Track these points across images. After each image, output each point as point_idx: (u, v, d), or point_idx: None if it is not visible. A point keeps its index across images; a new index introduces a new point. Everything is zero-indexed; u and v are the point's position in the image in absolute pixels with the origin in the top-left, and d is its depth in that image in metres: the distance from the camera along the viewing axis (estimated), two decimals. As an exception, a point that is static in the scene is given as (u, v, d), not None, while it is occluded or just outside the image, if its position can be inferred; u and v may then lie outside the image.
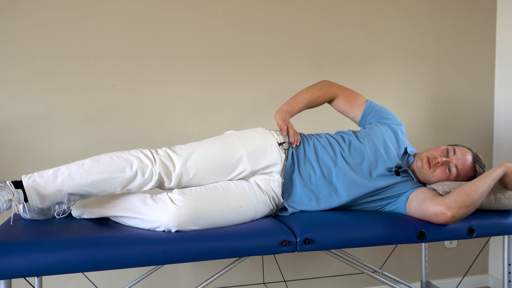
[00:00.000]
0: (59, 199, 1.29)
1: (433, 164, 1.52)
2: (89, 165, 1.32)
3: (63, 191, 1.28)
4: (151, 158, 1.38)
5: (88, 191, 1.31)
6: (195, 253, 1.24)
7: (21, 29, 1.87)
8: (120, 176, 1.33)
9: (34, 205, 1.27)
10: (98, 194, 1.34)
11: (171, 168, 1.39)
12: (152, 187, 1.39)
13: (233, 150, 1.46)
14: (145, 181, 1.37)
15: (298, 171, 1.50)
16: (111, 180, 1.33)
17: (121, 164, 1.34)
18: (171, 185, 1.41)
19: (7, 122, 1.87)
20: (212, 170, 1.43)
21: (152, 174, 1.36)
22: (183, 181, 1.41)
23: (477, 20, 2.42)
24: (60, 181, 1.28)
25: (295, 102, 1.67)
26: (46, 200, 1.28)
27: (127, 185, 1.36)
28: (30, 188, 1.26)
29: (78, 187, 1.29)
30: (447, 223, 1.37)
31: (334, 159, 1.52)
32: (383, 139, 1.60)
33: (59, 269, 1.15)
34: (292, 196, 1.50)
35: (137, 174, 1.35)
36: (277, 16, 2.14)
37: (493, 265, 2.52)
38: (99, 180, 1.31)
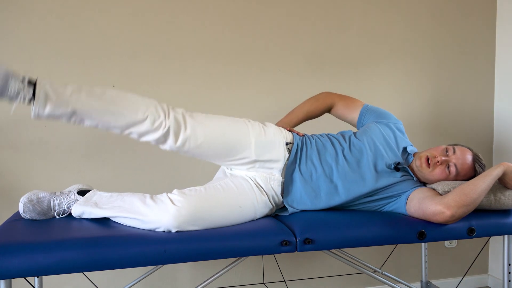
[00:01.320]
0: (62, 112, 1.28)
1: (432, 164, 1.52)
2: (108, 94, 1.33)
3: (71, 106, 1.28)
4: (165, 111, 1.38)
5: (93, 116, 1.30)
6: (195, 253, 1.24)
7: (21, 29, 1.87)
8: (130, 115, 1.33)
9: (37, 108, 1.25)
10: (100, 124, 1.33)
11: (182, 127, 1.39)
12: (155, 138, 1.37)
13: (244, 135, 1.47)
14: (151, 130, 1.36)
15: (299, 170, 1.50)
16: (120, 116, 1.33)
17: (136, 106, 1.35)
18: (176, 145, 1.39)
19: (7, 122, 1.88)
20: (219, 147, 1.44)
21: (161, 126, 1.36)
22: (187, 145, 1.40)
23: (477, 21, 2.42)
24: (74, 96, 1.28)
25: (294, 114, 1.75)
26: (50, 107, 1.26)
27: (131, 127, 1.35)
28: (42, 89, 1.25)
29: (87, 108, 1.29)
30: (446, 222, 1.37)
31: (336, 158, 1.53)
32: (381, 136, 1.60)
33: (59, 269, 1.15)
34: (292, 194, 1.51)
35: (146, 120, 1.34)
36: (278, 17, 2.14)
37: (493, 265, 2.52)
38: (108, 109, 1.31)
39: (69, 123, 1.35)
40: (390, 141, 1.61)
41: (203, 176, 1.98)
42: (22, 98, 1.24)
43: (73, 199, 1.45)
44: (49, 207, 1.42)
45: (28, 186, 1.90)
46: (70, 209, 1.44)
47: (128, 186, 1.99)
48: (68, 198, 1.44)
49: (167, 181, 2.05)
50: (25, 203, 1.39)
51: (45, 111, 1.26)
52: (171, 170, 2.06)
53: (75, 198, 1.45)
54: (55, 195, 1.44)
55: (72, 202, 1.44)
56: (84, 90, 1.31)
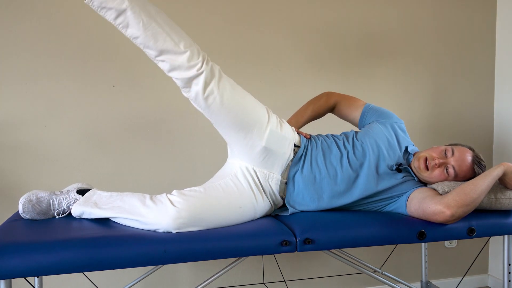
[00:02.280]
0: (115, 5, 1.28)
1: (431, 166, 1.51)
2: (161, 15, 1.35)
3: (126, 2, 1.28)
4: (205, 58, 1.37)
5: (138, 25, 1.30)
6: (195, 253, 1.24)
7: (21, 29, 1.87)
8: (172, 43, 1.33)
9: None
10: (141, 37, 1.32)
11: (215, 78, 1.38)
12: (185, 78, 1.35)
13: (264, 118, 1.47)
14: (184, 66, 1.34)
15: (301, 171, 1.50)
16: (163, 36, 1.32)
17: (180, 38, 1.35)
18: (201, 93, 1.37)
19: (7, 122, 1.88)
20: (239, 113, 1.42)
21: (196, 67, 1.34)
22: (210, 99, 1.38)
23: (477, 21, 2.42)
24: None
25: (300, 115, 1.75)
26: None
27: (168, 54, 1.33)
28: None
29: (138, 12, 1.30)
30: (446, 222, 1.37)
31: (340, 160, 1.52)
32: (384, 137, 1.60)
33: (59, 269, 1.15)
34: (294, 195, 1.50)
35: (184, 54, 1.33)
36: (277, 16, 2.14)
37: (493, 265, 2.52)
38: (156, 26, 1.32)
39: (114, 24, 1.33)
40: (392, 141, 1.60)
41: (203, 176, 1.98)
42: None
43: (72, 198, 1.44)
44: (49, 207, 1.42)
45: (27, 186, 1.90)
46: (69, 209, 1.44)
47: (128, 186, 1.99)
48: (68, 198, 1.44)
49: (167, 181, 2.05)
50: (24, 203, 1.38)
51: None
52: (171, 170, 2.06)
53: (74, 197, 1.44)
54: (54, 194, 1.44)
55: (72, 201, 1.44)
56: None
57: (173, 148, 2.06)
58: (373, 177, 1.51)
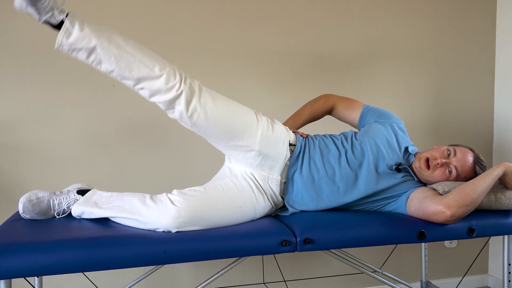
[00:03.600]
0: (84, 46, 1.29)
1: (433, 166, 1.51)
2: (131, 43, 1.34)
3: (93, 40, 1.29)
4: (182, 76, 1.37)
5: (110, 59, 1.31)
6: (195, 253, 1.24)
7: (21, 28, 1.87)
8: (146, 69, 1.33)
9: (62, 36, 1.27)
10: (116, 70, 1.33)
11: (195, 95, 1.38)
12: (166, 101, 1.35)
13: (253, 122, 1.46)
14: (163, 90, 1.34)
15: (300, 171, 1.50)
16: (136, 66, 1.33)
17: (154, 62, 1.34)
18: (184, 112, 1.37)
19: (7, 122, 1.88)
20: (227, 124, 1.42)
21: (174, 88, 1.34)
22: (195, 116, 1.38)
23: (477, 20, 2.42)
24: (100, 34, 1.30)
25: (297, 117, 1.75)
26: (75, 36, 1.27)
27: (145, 81, 1.34)
28: (73, 16, 1.28)
29: (107, 47, 1.30)
30: (446, 222, 1.37)
31: (339, 159, 1.52)
32: (383, 137, 1.60)
33: (59, 269, 1.15)
34: (294, 195, 1.50)
35: (161, 78, 1.33)
36: (277, 16, 2.14)
37: (493, 265, 2.52)
38: (128, 56, 1.32)
39: (87, 62, 1.34)
40: (391, 141, 1.60)
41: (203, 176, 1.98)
42: (52, 17, 1.25)
43: (72, 198, 1.44)
44: (49, 207, 1.42)
45: (27, 186, 1.90)
46: (69, 209, 1.44)
47: (128, 186, 1.99)
48: (68, 198, 1.44)
49: (167, 181, 2.05)
50: (24, 203, 1.38)
51: (69, 39, 1.27)
52: (171, 170, 2.06)
53: (74, 197, 1.44)
54: (54, 194, 1.44)
55: (72, 201, 1.44)
56: (110, 30, 1.33)
57: (173, 148, 2.06)
58: (372, 176, 1.51)
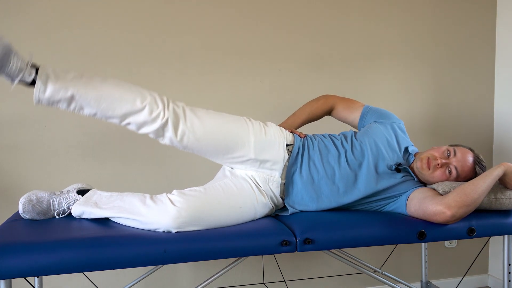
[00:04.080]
0: (62, 96, 1.28)
1: (433, 166, 1.51)
2: (106, 83, 1.33)
3: (71, 91, 1.28)
4: (165, 103, 1.38)
5: (91, 103, 1.31)
6: (195, 253, 1.24)
7: (21, 29, 1.86)
8: (128, 104, 1.33)
9: (38, 91, 1.26)
10: (99, 112, 1.33)
11: (181, 120, 1.39)
12: (154, 131, 1.37)
13: (244, 132, 1.46)
14: (149, 121, 1.35)
15: (300, 172, 1.50)
16: (117, 104, 1.32)
17: (134, 95, 1.34)
18: (174, 138, 1.38)
19: (7, 122, 1.87)
20: (217, 142, 1.43)
21: (159, 117, 1.35)
22: (186, 139, 1.40)
23: (477, 20, 2.42)
24: (74, 81, 1.29)
25: (296, 116, 1.75)
26: (51, 91, 1.27)
27: (130, 117, 1.35)
28: (44, 73, 1.27)
29: (85, 94, 1.29)
30: (446, 222, 1.37)
31: (338, 159, 1.52)
32: (383, 137, 1.60)
33: (59, 269, 1.15)
34: (293, 196, 1.50)
35: (144, 109, 1.34)
36: (277, 16, 2.14)
37: (493, 265, 2.52)
38: (108, 98, 1.31)
39: (69, 110, 1.33)
40: (391, 141, 1.60)
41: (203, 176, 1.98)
42: (23, 78, 1.25)
43: (72, 198, 1.44)
44: (49, 207, 1.42)
45: (27, 186, 1.90)
46: (69, 209, 1.44)
47: (128, 186, 1.99)
48: (68, 198, 1.44)
49: (167, 181, 2.05)
50: (24, 203, 1.38)
51: (45, 94, 1.27)
52: (172, 170, 2.06)
53: (74, 197, 1.44)
54: (54, 195, 1.44)
55: (72, 201, 1.44)
56: (85, 76, 1.32)
57: (173, 148, 2.06)
58: (372, 176, 1.51)
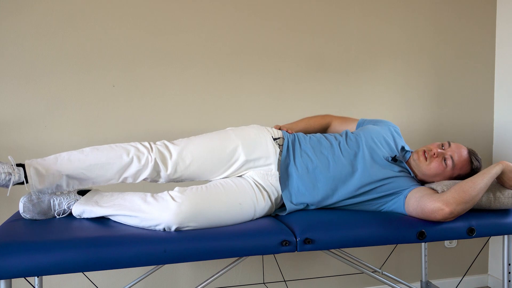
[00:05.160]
0: (58, 181, 1.36)
1: (429, 156, 1.55)
2: (88, 151, 1.41)
3: (62, 172, 1.36)
4: (148, 147, 1.46)
5: (85, 175, 1.39)
6: (195, 253, 1.24)
7: (22, 28, 1.87)
8: (117, 162, 1.41)
9: (34, 185, 1.33)
10: (96, 179, 1.41)
11: (167, 155, 1.46)
12: (149, 175, 1.44)
13: (228, 141, 1.52)
14: (141, 168, 1.43)
15: (294, 163, 1.53)
16: (108, 166, 1.40)
17: (119, 152, 1.42)
18: (168, 173, 1.46)
19: (7, 121, 1.88)
20: (209, 159, 1.49)
21: (148, 161, 1.43)
22: (179, 169, 1.46)
23: (477, 20, 2.42)
24: (60, 163, 1.36)
25: (294, 123, 1.83)
26: (45, 180, 1.34)
27: (124, 172, 1.43)
28: (31, 167, 1.33)
29: (76, 170, 1.37)
30: (445, 219, 1.37)
31: (331, 150, 1.56)
32: (379, 134, 1.65)
33: (59, 269, 1.15)
34: (290, 187, 1.52)
35: (133, 161, 1.42)
36: (277, 19, 2.14)
37: (493, 265, 2.52)
38: (96, 164, 1.39)
39: (71, 190, 1.43)
40: (388, 139, 1.65)
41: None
42: (14, 181, 1.32)
43: (73, 199, 1.45)
44: (49, 207, 1.42)
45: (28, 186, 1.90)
46: (70, 209, 1.44)
47: (129, 186, 1.99)
48: (68, 198, 1.44)
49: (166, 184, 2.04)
50: (25, 202, 1.39)
51: (41, 186, 1.35)
52: (171, 170, 2.06)
53: (75, 197, 1.45)
54: (55, 195, 1.44)
55: (72, 202, 1.44)
56: (65, 155, 1.40)
57: (173, 148, 2.06)
58: (369, 164, 1.54)
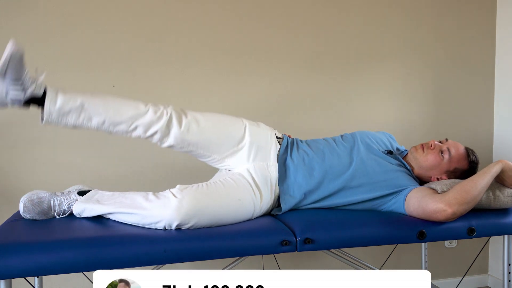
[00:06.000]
0: (71, 106, 1.35)
1: (426, 147, 1.60)
2: (107, 94, 1.44)
3: (78, 98, 1.36)
4: (163, 105, 1.48)
5: (99, 110, 1.39)
6: (195, 252, 1.24)
7: (22, 28, 1.87)
8: (133, 108, 1.42)
9: (49, 103, 1.33)
10: (106, 120, 1.40)
11: (182, 115, 1.49)
12: (160, 128, 1.44)
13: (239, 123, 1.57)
14: (155, 120, 1.43)
15: (290, 158, 1.56)
16: (124, 108, 1.41)
17: (136, 102, 1.44)
18: (181, 130, 1.46)
19: (7, 122, 1.88)
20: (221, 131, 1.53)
21: (163, 114, 1.44)
22: (191, 130, 1.47)
23: (477, 20, 2.42)
24: (82, 92, 1.38)
25: None
26: (61, 100, 1.34)
27: (137, 119, 1.42)
28: (53, 87, 1.35)
29: (92, 101, 1.38)
30: (446, 220, 1.37)
31: (328, 146, 1.61)
32: (374, 135, 1.70)
33: (59, 269, 1.15)
34: (287, 180, 1.54)
35: (148, 110, 1.43)
36: (277, 17, 2.14)
37: (493, 265, 2.52)
38: (114, 102, 1.41)
39: (78, 124, 1.39)
40: (384, 140, 1.70)
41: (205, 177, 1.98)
42: (35, 91, 1.31)
43: (73, 199, 1.45)
44: (49, 207, 1.42)
45: (28, 186, 1.89)
46: (70, 209, 1.44)
47: (129, 187, 1.98)
48: (69, 199, 1.44)
49: (168, 182, 2.05)
50: (25, 202, 1.39)
51: (56, 105, 1.34)
52: (172, 170, 2.06)
53: (75, 198, 1.45)
54: (55, 195, 1.45)
55: (73, 202, 1.44)
56: (88, 91, 1.41)
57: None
58: (366, 155, 1.57)
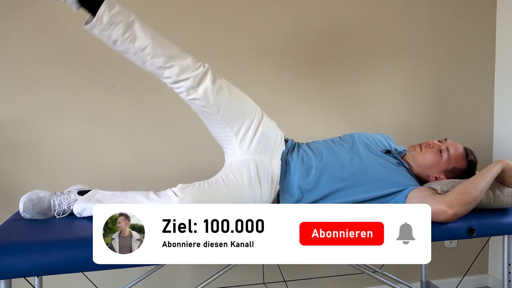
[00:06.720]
0: (123, 18, 1.36)
1: (424, 146, 1.60)
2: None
3: (133, 16, 1.39)
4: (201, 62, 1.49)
5: (145, 35, 1.39)
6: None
7: (22, 28, 1.86)
8: (176, 49, 1.44)
9: (105, 8, 1.34)
10: (148, 47, 1.39)
11: (218, 77, 1.51)
12: (193, 75, 1.44)
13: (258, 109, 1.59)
14: (191, 66, 1.45)
15: (291, 156, 1.58)
16: (168, 44, 1.43)
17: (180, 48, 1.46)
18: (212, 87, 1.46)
19: (7, 122, 1.87)
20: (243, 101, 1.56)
21: (201, 65, 1.46)
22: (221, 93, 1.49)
23: (477, 20, 2.42)
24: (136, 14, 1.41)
25: None
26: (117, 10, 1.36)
27: (175, 59, 1.43)
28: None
29: (143, 24, 1.40)
30: (448, 221, 1.37)
31: (326, 145, 1.62)
32: (372, 135, 1.71)
33: (59, 269, 1.15)
34: (287, 177, 1.55)
35: (188, 58, 1.45)
36: (277, 17, 2.14)
37: (493, 265, 2.52)
38: (161, 36, 1.43)
39: (121, 39, 1.38)
40: (382, 141, 1.71)
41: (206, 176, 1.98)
42: None
43: (73, 199, 1.45)
44: (49, 207, 1.42)
45: (28, 186, 1.90)
46: (70, 209, 1.44)
47: (130, 187, 1.98)
48: (69, 198, 1.44)
49: (169, 181, 2.05)
50: (25, 202, 1.39)
51: (111, 11, 1.35)
52: (173, 170, 2.06)
53: (75, 198, 1.45)
54: (55, 195, 1.44)
55: (72, 202, 1.44)
56: None
57: (174, 148, 2.06)
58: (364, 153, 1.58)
